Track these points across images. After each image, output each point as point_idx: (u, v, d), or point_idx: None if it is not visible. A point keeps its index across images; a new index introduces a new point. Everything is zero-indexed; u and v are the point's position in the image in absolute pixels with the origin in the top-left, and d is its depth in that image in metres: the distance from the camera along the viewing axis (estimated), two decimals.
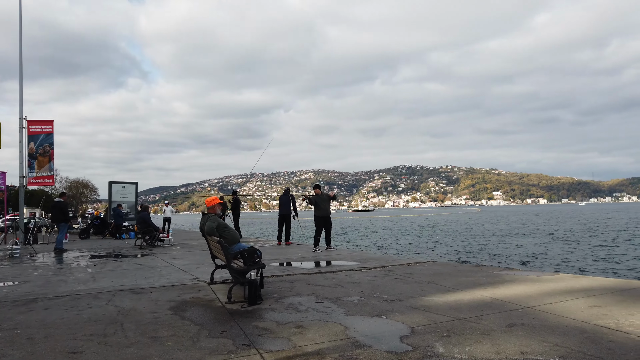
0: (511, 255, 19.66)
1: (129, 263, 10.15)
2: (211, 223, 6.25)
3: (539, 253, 20.43)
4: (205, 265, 9.27)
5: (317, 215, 11.65)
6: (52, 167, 17.51)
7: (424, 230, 41.55)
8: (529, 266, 16.35)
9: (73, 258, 11.90)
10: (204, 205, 6.66)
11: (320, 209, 11.62)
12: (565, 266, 16.15)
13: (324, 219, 11.64)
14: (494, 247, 23.56)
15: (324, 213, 11.64)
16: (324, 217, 11.63)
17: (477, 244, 25.23)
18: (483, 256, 19.69)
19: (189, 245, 14.85)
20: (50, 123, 17.59)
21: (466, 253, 21.15)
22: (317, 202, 11.62)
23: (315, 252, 11.35)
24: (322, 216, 11.62)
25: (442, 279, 6.87)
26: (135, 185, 24.28)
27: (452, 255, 19.94)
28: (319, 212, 11.62)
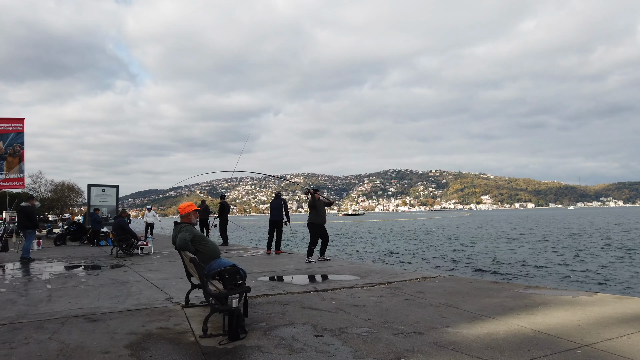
0: (521, 264, 18.35)
1: (98, 276, 8.95)
2: (184, 235, 5.12)
3: (552, 263, 18.92)
4: (183, 279, 8.11)
5: (314, 223, 10.44)
6: (22, 169, 16.19)
7: (420, 235, 40.60)
8: (550, 280, 14.87)
9: (37, 269, 10.65)
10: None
11: (319, 215, 10.44)
12: (588, 280, 14.72)
13: (322, 227, 10.50)
14: (501, 255, 22.29)
15: (323, 220, 10.50)
16: (321, 225, 10.49)
17: (480, 251, 24.07)
18: (492, 265, 18.36)
19: (170, 255, 13.64)
20: (21, 121, 16.28)
21: (472, 262, 19.79)
22: (317, 206, 10.45)
23: (308, 263, 10.24)
24: (320, 224, 10.46)
25: (462, 300, 5.81)
26: (116, 189, 22.90)
27: (460, 266, 18.54)
28: (318, 218, 10.43)
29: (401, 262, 19.99)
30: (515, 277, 15.16)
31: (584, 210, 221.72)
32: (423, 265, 18.79)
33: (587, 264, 18.58)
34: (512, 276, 15.50)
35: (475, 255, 22.15)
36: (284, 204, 13.10)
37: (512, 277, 15.28)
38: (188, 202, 5.56)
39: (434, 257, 22.10)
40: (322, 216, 10.45)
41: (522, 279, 14.79)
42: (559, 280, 14.58)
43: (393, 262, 19.97)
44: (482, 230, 45.98)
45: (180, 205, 5.46)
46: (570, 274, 16.01)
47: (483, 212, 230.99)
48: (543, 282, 14.01)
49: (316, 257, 10.60)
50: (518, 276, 15.52)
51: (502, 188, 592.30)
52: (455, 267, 17.55)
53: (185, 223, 5.35)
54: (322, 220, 10.43)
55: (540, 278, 15.08)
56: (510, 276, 15.46)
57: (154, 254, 13.81)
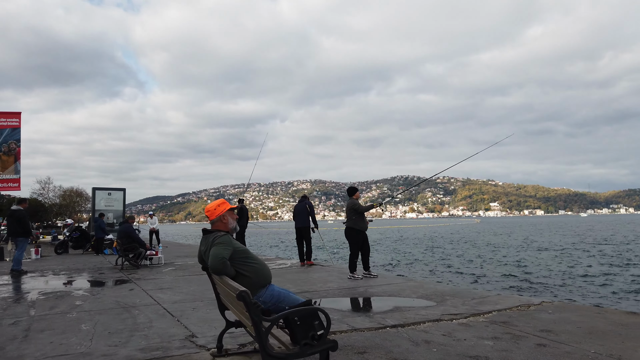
0: (603, 282, 14.79)
1: (97, 297, 7.15)
2: (220, 250, 3.32)
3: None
4: (205, 303, 6.30)
5: (356, 229, 8.47)
6: (18, 169, 14.50)
7: (441, 243, 38.48)
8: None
9: (26, 286, 8.89)
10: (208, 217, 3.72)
11: (362, 221, 8.52)
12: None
13: (364, 236, 8.57)
14: (560, 267, 18.77)
15: (366, 227, 8.57)
16: (364, 233, 8.55)
17: (528, 263, 20.82)
18: (569, 283, 14.80)
19: (183, 266, 11.84)
20: (17, 115, 14.62)
21: (535, 277, 16.06)
22: (360, 209, 8.48)
23: (353, 279, 8.36)
24: (363, 231, 8.52)
25: (624, 346, 3.93)
26: (123, 192, 21.21)
27: (528, 283, 14.72)
28: (361, 224, 8.49)
29: (444, 274, 17.50)
30: (622, 301, 11.82)
31: (598, 217, 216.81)
32: (477, 279, 15.79)
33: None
34: (619, 300, 12.09)
35: (527, 267, 19.18)
36: (309, 207, 11.29)
37: (618, 300, 11.97)
38: (219, 199, 3.73)
39: (476, 268, 19.88)
40: (366, 222, 8.56)
41: (628, 303, 11.48)
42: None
43: (436, 276, 17.39)
44: (509, 238, 43.74)
45: (209, 205, 3.65)
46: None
47: (493, 219, 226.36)
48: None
49: (360, 272, 8.70)
50: (625, 299, 12.10)
51: (510, 195, 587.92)
52: (522, 285, 14.47)
53: (219, 231, 3.54)
54: (365, 227, 8.53)
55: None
56: (616, 300, 12.09)
57: (164, 266, 12.03)
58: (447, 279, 15.36)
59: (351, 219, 8.53)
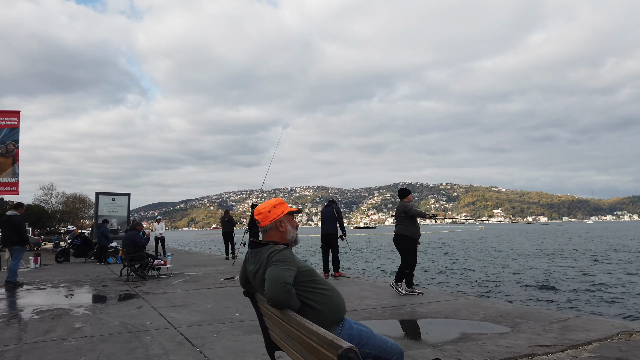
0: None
1: (99, 318, 6.12)
2: (280, 272, 2.30)
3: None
4: (228, 326, 5.26)
5: (406, 236, 7.36)
6: (16, 171, 13.54)
7: (453, 251, 37.25)
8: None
9: (21, 301, 7.88)
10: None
11: (415, 227, 7.40)
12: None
13: (415, 245, 7.49)
14: (612, 281, 16.05)
15: (419, 234, 7.49)
16: (416, 241, 7.46)
17: (566, 273, 18.45)
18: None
19: (194, 278, 10.80)
20: (16, 115, 13.69)
21: (601, 295, 13.33)
22: (414, 213, 7.34)
23: (399, 294, 7.28)
24: (416, 239, 7.42)
25: None
26: (127, 197, 20.24)
27: (592, 299, 12.63)
28: (414, 230, 7.36)
29: (479, 286, 15.14)
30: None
31: (604, 224, 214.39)
32: (523, 294, 13.50)
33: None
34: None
35: (573, 278, 16.68)
36: (337, 212, 10.28)
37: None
38: (275, 199, 2.69)
39: (511, 278, 18.59)
40: (418, 229, 7.45)
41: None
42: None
43: (473, 287, 14.98)
44: (529, 244, 42.46)
45: (261, 206, 2.62)
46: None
47: (497, 226, 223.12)
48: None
49: (402, 287, 7.62)
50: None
51: (514, 201, 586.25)
52: (578, 298, 12.39)
53: (276, 244, 2.52)
54: (417, 234, 7.42)
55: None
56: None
57: (174, 277, 11.00)
58: (488, 293, 13.83)
59: (401, 224, 7.42)
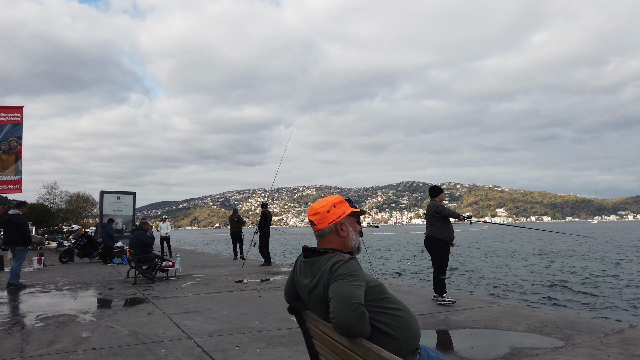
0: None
1: (107, 326, 5.65)
2: (351, 290, 1.80)
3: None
4: (250, 337, 4.78)
5: (438, 239, 6.75)
6: (19, 169, 13.10)
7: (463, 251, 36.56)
8: None
9: (24, 306, 7.43)
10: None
11: (449, 229, 6.78)
12: None
13: (448, 247, 6.87)
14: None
15: (453, 236, 6.85)
16: (449, 244, 6.84)
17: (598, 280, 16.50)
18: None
19: (205, 280, 10.33)
20: (19, 110, 13.25)
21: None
22: (447, 213, 6.74)
23: (439, 303, 6.57)
24: (448, 242, 6.80)
25: None
26: (132, 196, 19.82)
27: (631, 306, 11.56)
28: (447, 232, 6.74)
29: (510, 291, 13.71)
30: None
31: (608, 224, 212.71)
32: (554, 297, 12.45)
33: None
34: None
35: (602, 282, 15.39)
36: None
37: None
38: (333, 196, 2.18)
39: (536, 280, 18.02)
40: (452, 231, 6.82)
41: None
42: None
43: (502, 292, 13.59)
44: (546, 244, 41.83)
45: (317, 204, 2.14)
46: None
47: (499, 226, 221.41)
48: None
49: (447, 296, 6.73)
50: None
51: (517, 201, 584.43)
52: (616, 304, 11.50)
53: (336, 252, 2.02)
54: (451, 237, 6.79)
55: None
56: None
57: (183, 279, 10.53)
58: (509, 295, 12.98)
59: (433, 225, 6.79)
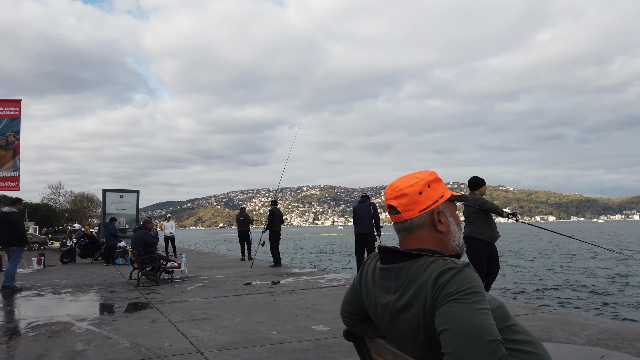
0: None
1: (106, 337, 5.00)
2: (477, 317, 1.12)
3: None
4: (269, 351, 4.11)
5: (477, 239, 5.94)
6: (17, 165, 12.50)
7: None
8: None
9: (15, 313, 6.79)
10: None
11: (490, 227, 5.98)
12: None
13: (492, 248, 6.04)
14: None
15: (494, 236, 6.05)
16: (491, 244, 6.05)
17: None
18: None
19: (212, 282, 9.68)
20: (17, 103, 12.65)
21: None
22: (488, 207, 5.91)
23: None
24: (489, 241, 5.99)
25: None
26: (136, 195, 19.23)
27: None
28: (488, 231, 5.94)
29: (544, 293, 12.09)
30: None
31: (614, 223, 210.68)
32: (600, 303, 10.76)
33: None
34: None
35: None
36: (373, 209, 9.14)
37: None
38: (421, 172, 1.48)
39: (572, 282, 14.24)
40: (494, 229, 6.02)
41: None
42: None
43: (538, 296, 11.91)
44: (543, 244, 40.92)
45: (400, 182, 1.45)
46: None
47: (506, 225, 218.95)
48: None
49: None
50: None
51: (522, 201, 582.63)
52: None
53: (442, 256, 1.33)
54: (493, 236, 5.98)
55: None
56: None
57: (189, 281, 9.89)
58: (552, 302, 11.48)
59: (471, 223, 6.00)
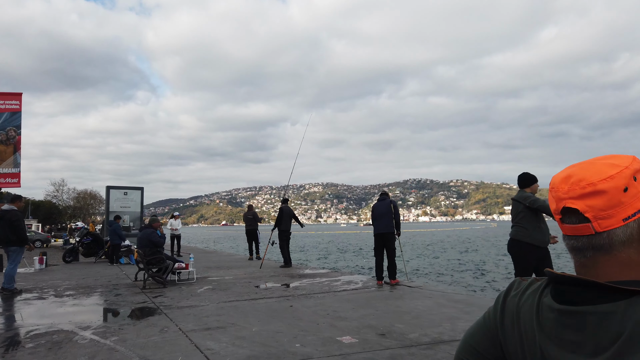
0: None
1: (111, 348, 4.53)
2: None
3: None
4: None
5: (529, 244, 5.10)
6: (18, 161, 12.05)
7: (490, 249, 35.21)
8: None
9: (15, 316, 6.33)
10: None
11: (540, 231, 5.12)
12: None
13: (544, 253, 5.14)
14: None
15: (545, 239, 5.15)
16: (543, 249, 5.14)
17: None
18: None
19: (221, 284, 9.20)
20: (18, 97, 12.19)
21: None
22: (539, 205, 5.09)
23: None
24: (540, 245, 5.10)
25: None
26: (140, 192, 18.81)
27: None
28: (536, 235, 5.10)
29: None
30: None
31: None
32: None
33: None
34: None
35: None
36: (393, 207, 8.63)
37: None
38: (624, 156, 0.94)
39: None
40: (545, 231, 5.15)
41: None
42: None
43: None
44: None
45: (583, 171, 0.86)
46: None
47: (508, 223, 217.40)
48: None
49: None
50: None
51: None
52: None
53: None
54: (543, 240, 5.11)
55: None
56: None
57: (197, 283, 9.41)
58: None
59: (519, 224, 5.19)
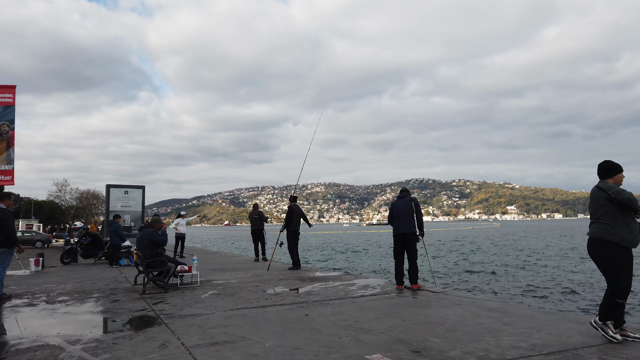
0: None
1: None
2: None
3: None
4: None
5: (613, 243, 4.30)
6: (11, 157, 11.41)
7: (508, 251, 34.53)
8: None
9: (0, 327, 5.68)
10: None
11: (628, 229, 4.31)
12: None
13: (629, 257, 4.37)
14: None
15: (633, 240, 4.35)
16: (630, 251, 4.38)
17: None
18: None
19: (227, 288, 8.52)
20: (11, 90, 11.55)
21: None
22: (634, 203, 4.24)
23: (609, 339, 4.29)
24: (626, 247, 4.32)
25: None
26: (141, 190, 18.17)
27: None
28: (623, 234, 4.29)
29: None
30: None
31: None
32: None
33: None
34: None
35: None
36: (415, 205, 7.94)
37: None
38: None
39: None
40: (635, 230, 4.34)
41: None
42: None
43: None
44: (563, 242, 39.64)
45: None
46: None
47: (512, 223, 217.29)
48: None
49: (612, 329, 4.35)
50: None
51: (528, 198, 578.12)
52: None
53: None
54: (633, 240, 4.33)
55: None
56: None
57: (201, 287, 8.74)
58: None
59: (600, 221, 4.42)
